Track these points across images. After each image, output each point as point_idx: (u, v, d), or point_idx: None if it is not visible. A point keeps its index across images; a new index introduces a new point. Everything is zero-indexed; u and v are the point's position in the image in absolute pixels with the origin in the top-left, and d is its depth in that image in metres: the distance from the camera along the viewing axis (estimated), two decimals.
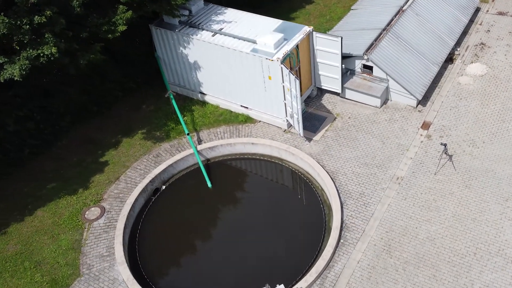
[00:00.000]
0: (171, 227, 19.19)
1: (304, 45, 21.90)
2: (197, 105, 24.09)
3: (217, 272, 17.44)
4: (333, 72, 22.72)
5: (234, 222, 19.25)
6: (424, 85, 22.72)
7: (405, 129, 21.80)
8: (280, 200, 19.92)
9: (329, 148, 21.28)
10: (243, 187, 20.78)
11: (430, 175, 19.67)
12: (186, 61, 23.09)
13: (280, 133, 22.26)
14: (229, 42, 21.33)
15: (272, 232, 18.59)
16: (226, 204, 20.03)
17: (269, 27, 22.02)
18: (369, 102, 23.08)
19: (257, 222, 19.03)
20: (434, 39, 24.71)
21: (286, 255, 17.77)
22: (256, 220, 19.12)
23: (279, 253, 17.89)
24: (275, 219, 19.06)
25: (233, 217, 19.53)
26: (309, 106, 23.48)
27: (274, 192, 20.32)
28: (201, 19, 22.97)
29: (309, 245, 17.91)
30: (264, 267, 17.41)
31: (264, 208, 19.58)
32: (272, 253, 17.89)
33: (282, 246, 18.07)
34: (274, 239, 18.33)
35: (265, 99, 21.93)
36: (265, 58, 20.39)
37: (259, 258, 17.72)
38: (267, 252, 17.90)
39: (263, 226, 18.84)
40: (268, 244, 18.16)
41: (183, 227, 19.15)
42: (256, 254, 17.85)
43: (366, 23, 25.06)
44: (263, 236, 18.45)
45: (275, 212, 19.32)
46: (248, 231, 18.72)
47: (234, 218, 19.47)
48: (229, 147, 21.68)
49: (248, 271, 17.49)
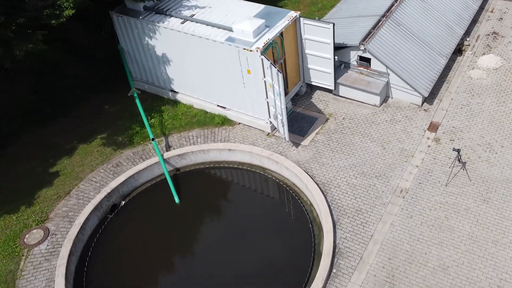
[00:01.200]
0: (129, 252, 15.89)
1: (290, 34, 18.64)
2: (168, 105, 20.80)
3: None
4: (324, 66, 19.46)
5: (205, 246, 15.96)
6: (430, 79, 19.47)
7: (409, 131, 18.55)
8: (261, 218, 16.63)
9: (319, 154, 18.02)
10: (217, 202, 17.49)
11: (440, 187, 16.42)
12: (153, 53, 19.81)
13: (263, 137, 18.99)
14: (200, 30, 18.05)
15: (250, 259, 15.32)
16: (197, 223, 16.74)
17: (249, 12, 18.75)
18: (366, 100, 19.83)
19: (233, 245, 15.75)
20: (441, 28, 21.47)
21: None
22: (232, 243, 15.84)
23: (257, 285, 14.63)
24: (254, 242, 15.78)
25: (205, 239, 16.24)
26: (297, 105, 20.21)
27: (254, 209, 17.03)
28: (170, 4, 19.69)
29: (294, 276, 14.64)
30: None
31: (242, 229, 16.31)
32: (249, 286, 14.64)
33: (262, 276, 14.80)
34: (252, 267, 15.07)
35: (245, 97, 18.66)
36: (242, 48, 17.11)
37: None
38: (243, 284, 14.65)
39: (240, 251, 15.57)
40: (244, 274, 14.91)
41: (145, 252, 15.86)
42: (230, 287, 14.61)
43: (363, 9, 21.81)
44: (239, 264, 15.19)
45: (255, 234, 16.05)
46: (222, 256, 15.44)
47: (205, 240, 16.19)
48: (202, 154, 18.40)
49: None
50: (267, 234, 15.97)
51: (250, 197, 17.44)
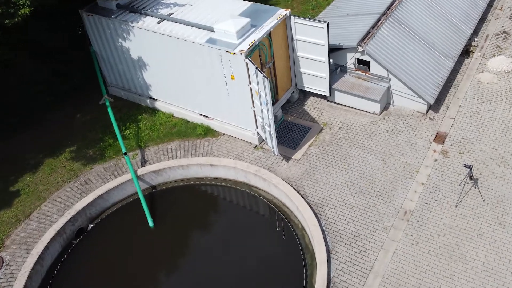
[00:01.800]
0: (96, 285, 13.89)
1: (280, 34, 16.66)
2: (146, 114, 18.79)
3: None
4: (318, 70, 17.48)
5: (182, 277, 13.98)
6: (436, 85, 17.50)
7: (413, 143, 16.57)
8: (246, 245, 14.62)
9: (313, 170, 16.03)
10: (197, 226, 15.46)
11: (450, 208, 14.45)
12: (128, 57, 17.80)
13: (250, 149, 17.00)
14: (178, 31, 16.05)
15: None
16: (173, 250, 14.71)
17: (233, 10, 16.77)
18: (365, 108, 17.85)
19: (213, 277, 13.76)
20: (447, 27, 19.50)
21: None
22: (212, 274, 13.84)
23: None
24: (236, 272, 13.80)
25: (182, 269, 14.24)
26: (288, 114, 18.22)
27: (238, 234, 14.99)
28: (147, 1, 17.69)
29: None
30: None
31: (223, 257, 14.31)
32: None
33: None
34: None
35: (229, 105, 16.67)
36: (224, 51, 15.13)
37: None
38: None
39: (221, 284, 13.57)
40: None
41: (114, 284, 13.86)
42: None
43: (361, 6, 19.82)
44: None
45: (238, 263, 14.06)
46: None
47: (182, 270, 14.19)
48: (181, 170, 16.40)
49: None
50: (252, 263, 13.98)
51: (234, 219, 15.42)
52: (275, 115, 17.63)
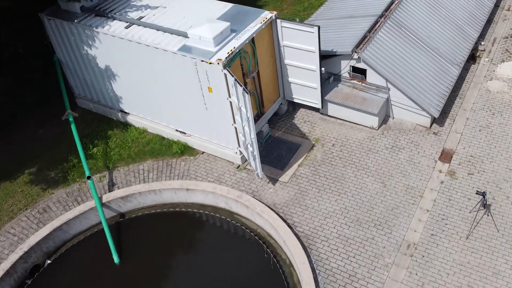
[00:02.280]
0: None
1: (264, 39, 14.73)
2: (117, 129, 16.81)
3: None
4: (308, 79, 15.56)
5: None
6: (441, 95, 15.59)
7: (416, 162, 14.66)
8: (224, 283, 12.67)
9: (302, 194, 14.10)
10: (169, 261, 13.49)
11: (460, 240, 12.54)
12: (94, 66, 15.82)
13: (232, 170, 15.06)
14: (148, 37, 14.09)
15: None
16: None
17: (212, 13, 14.83)
18: (362, 122, 15.93)
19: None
20: (451, 29, 17.60)
21: None
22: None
23: None
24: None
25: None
26: (275, 128, 16.29)
27: (216, 270, 13.03)
28: (115, 3, 15.72)
29: None
30: None
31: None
32: None
33: None
34: None
35: (207, 121, 14.72)
36: (200, 60, 13.18)
37: None
38: None
39: None
40: None
41: None
42: None
43: (356, 8, 17.90)
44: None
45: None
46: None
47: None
48: (153, 195, 14.44)
49: None
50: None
51: (212, 253, 13.43)
52: (260, 130, 15.71)
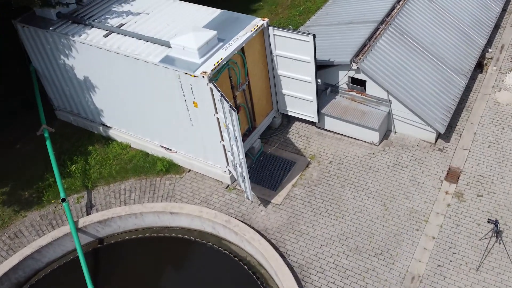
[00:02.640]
0: None
1: (256, 49, 13.56)
2: (98, 144, 15.64)
3: None
4: (303, 91, 14.40)
5: None
6: (446, 108, 14.42)
7: (420, 182, 13.50)
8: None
9: (297, 218, 12.94)
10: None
11: (469, 272, 11.37)
12: (73, 76, 14.65)
13: (220, 190, 13.89)
14: (128, 47, 12.91)
15: None
16: None
17: (198, 20, 13.67)
18: (361, 137, 14.77)
19: None
20: (457, 36, 16.43)
21: None
22: None
23: None
24: None
25: None
26: (268, 143, 15.13)
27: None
28: (94, 9, 14.54)
29: None
30: None
31: None
32: None
33: None
34: None
35: (194, 137, 13.55)
36: (183, 73, 12.00)
37: None
38: None
39: None
40: None
41: None
42: None
43: (355, 13, 16.73)
44: None
45: None
46: None
47: None
48: (134, 219, 13.27)
49: None
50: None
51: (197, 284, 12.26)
52: (252, 146, 14.54)
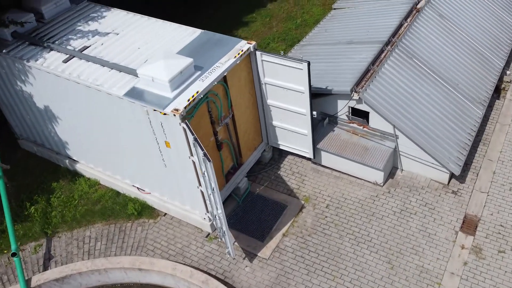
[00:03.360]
0: None
1: (241, 76, 11.66)
2: (63, 180, 13.75)
3: None
4: (297, 124, 12.50)
5: None
6: (462, 144, 12.50)
7: (431, 233, 11.59)
8: None
9: (287, 277, 11.02)
10: None
11: None
12: (32, 105, 12.76)
13: (200, 239, 11.99)
14: (90, 75, 11.01)
15: None
16: None
17: (174, 43, 11.77)
18: (363, 175, 12.86)
19: None
20: (472, 58, 14.51)
21: None
22: None
23: None
24: None
25: None
26: (257, 181, 13.22)
27: None
28: (59, 27, 12.65)
29: None
30: None
31: None
32: None
33: None
34: None
35: (168, 179, 11.65)
36: (152, 109, 10.11)
37: None
38: None
39: None
40: None
41: None
42: None
43: (357, 31, 14.81)
44: None
45: None
46: None
47: None
48: (98, 275, 11.36)
49: None
50: None
51: None
52: (237, 186, 12.65)
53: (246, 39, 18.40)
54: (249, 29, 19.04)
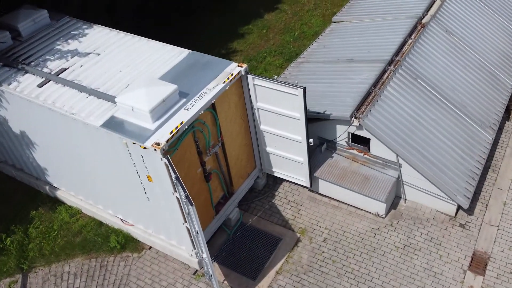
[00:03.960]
0: None
1: (231, 101, 10.76)
2: (43, 207, 12.88)
3: None
4: (292, 151, 11.59)
5: None
6: (470, 174, 11.57)
7: (438, 272, 10.66)
8: None
9: None
10: None
11: None
12: (8, 129, 11.88)
13: (187, 277, 11.08)
14: (67, 101, 10.13)
15: None
16: None
17: (158, 66, 10.88)
18: (363, 206, 11.94)
19: None
20: (482, 78, 13.58)
21: None
22: None
23: None
24: None
25: None
26: (249, 211, 12.31)
27: None
28: (36, 47, 11.78)
29: None
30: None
31: None
32: None
33: None
34: None
35: (152, 213, 10.76)
36: (131, 142, 9.22)
37: None
38: None
39: None
40: None
41: None
42: None
43: (357, 49, 13.88)
44: None
45: None
46: None
47: None
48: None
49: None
50: None
51: None
52: (228, 218, 11.76)
53: (241, 52, 17.69)
54: (244, 41, 18.14)
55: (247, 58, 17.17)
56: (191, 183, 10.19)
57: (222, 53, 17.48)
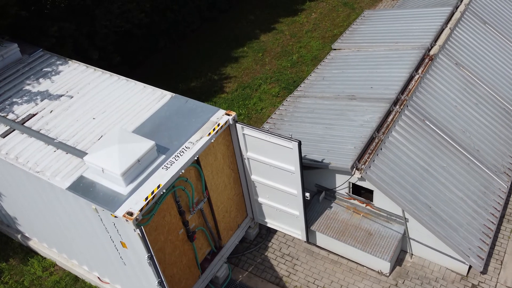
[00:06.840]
0: None
1: (218, 151, 9.62)
2: (14, 258, 11.75)
3: None
4: (286, 203, 10.45)
5: None
6: (484, 230, 10.42)
7: None
8: None
9: None
10: None
11: None
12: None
13: None
14: (32, 156, 9.00)
15: None
16: None
17: (138, 111, 9.74)
18: (365, 262, 10.80)
19: None
20: (495, 116, 12.42)
21: None
22: None
23: None
24: None
25: None
26: (239, 266, 11.17)
27: None
28: (3, 87, 10.63)
29: None
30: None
31: None
32: None
33: None
34: None
35: (129, 276, 9.62)
36: (101, 209, 8.08)
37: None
38: None
39: None
40: None
41: None
42: None
43: (360, 83, 12.72)
44: None
45: None
46: None
47: None
48: None
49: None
50: None
51: None
52: (216, 276, 10.62)
53: (235, 78, 16.53)
54: (239, 66, 17.00)
55: (241, 85, 16.04)
56: (172, 248, 9.06)
57: (214, 79, 16.37)
